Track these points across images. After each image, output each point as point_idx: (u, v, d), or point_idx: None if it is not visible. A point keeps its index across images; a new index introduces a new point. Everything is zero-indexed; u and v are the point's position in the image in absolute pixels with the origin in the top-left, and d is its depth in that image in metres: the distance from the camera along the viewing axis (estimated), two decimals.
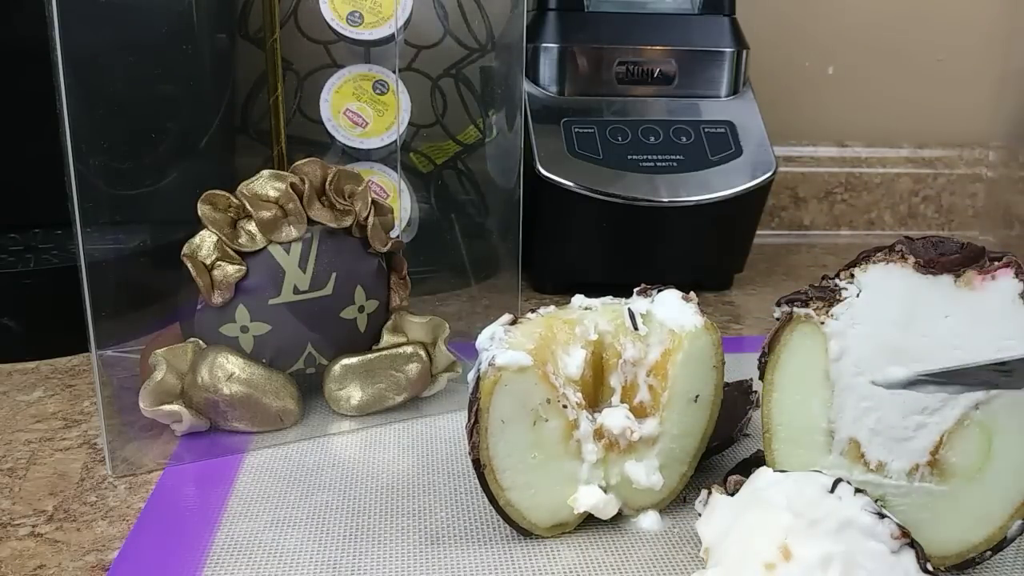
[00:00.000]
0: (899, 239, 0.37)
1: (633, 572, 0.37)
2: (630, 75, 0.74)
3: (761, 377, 0.39)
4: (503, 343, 0.39)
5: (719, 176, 0.71)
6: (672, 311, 0.41)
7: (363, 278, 0.51)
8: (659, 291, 0.42)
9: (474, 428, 0.38)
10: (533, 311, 0.41)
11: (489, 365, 0.38)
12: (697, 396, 0.40)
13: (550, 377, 0.39)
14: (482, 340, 0.39)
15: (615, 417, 0.39)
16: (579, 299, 0.43)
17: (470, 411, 0.38)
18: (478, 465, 0.38)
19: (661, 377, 0.40)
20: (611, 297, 0.43)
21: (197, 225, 0.46)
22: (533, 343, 0.39)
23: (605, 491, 0.40)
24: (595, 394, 0.41)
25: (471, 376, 0.39)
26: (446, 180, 0.75)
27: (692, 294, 0.42)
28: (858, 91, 0.98)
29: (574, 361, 0.40)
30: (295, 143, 0.65)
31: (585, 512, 0.40)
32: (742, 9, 0.76)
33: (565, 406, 0.39)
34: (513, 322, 0.40)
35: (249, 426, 0.48)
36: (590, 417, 0.40)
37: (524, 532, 0.39)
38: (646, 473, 0.40)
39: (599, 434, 0.40)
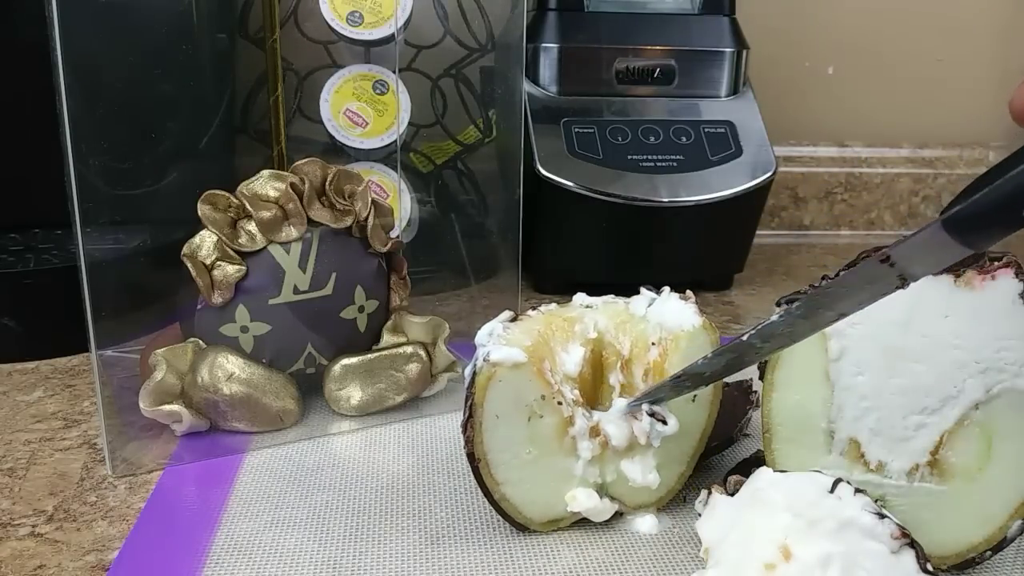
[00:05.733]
0: (899, 239, 0.37)
1: (633, 572, 0.37)
2: (630, 75, 0.74)
3: (761, 377, 0.39)
4: (500, 339, 0.39)
5: (719, 176, 0.71)
6: (671, 311, 0.41)
7: (363, 278, 0.51)
8: (660, 291, 0.43)
9: (468, 423, 0.38)
10: (534, 308, 0.42)
11: (484, 361, 0.38)
12: (695, 396, 0.40)
13: (545, 374, 0.39)
14: (480, 336, 0.39)
15: (618, 431, 0.39)
16: (580, 297, 0.43)
17: (465, 406, 0.38)
18: (473, 459, 0.38)
19: (659, 376, 0.40)
20: (612, 296, 0.43)
21: (197, 225, 0.46)
22: (531, 340, 0.39)
23: (601, 487, 0.40)
24: (594, 392, 0.41)
25: (467, 372, 0.39)
26: (446, 180, 0.75)
27: (689, 292, 0.42)
28: (858, 91, 0.98)
29: (572, 359, 0.40)
30: (295, 143, 0.65)
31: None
32: (742, 9, 0.76)
33: (560, 403, 0.39)
34: (513, 319, 0.40)
35: (249, 426, 0.48)
36: (586, 414, 0.40)
37: (519, 527, 0.39)
38: (642, 472, 0.40)
39: (595, 431, 0.40)
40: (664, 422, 0.39)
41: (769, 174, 0.72)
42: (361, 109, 0.65)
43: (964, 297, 0.35)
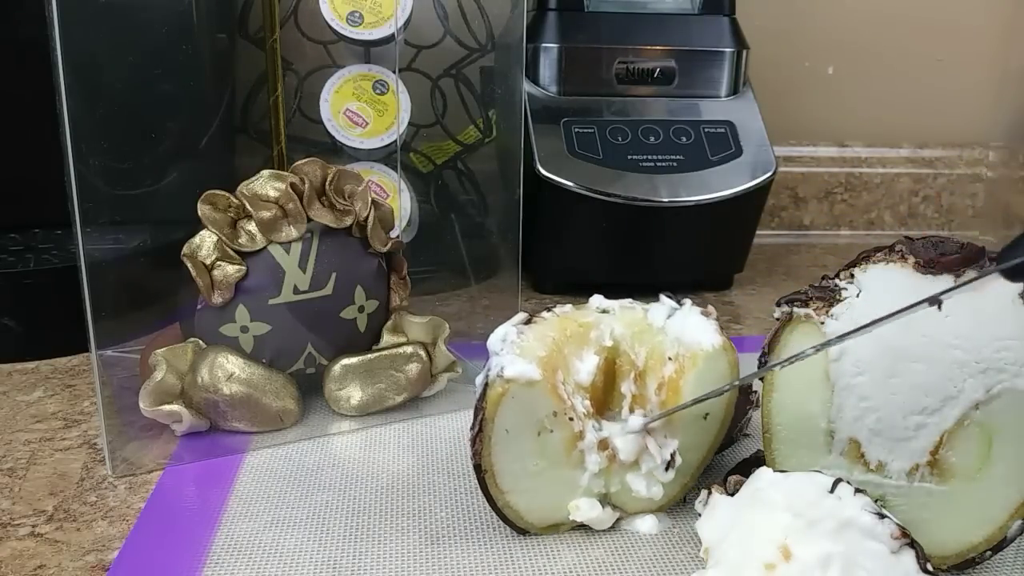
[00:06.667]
0: (899, 239, 0.37)
1: (633, 572, 0.37)
2: (630, 75, 0.74)
3: (761, 377, 0.39)
4: (514, 347, 0.38)
5: (719, 176, 0.71)
6: (691, 326, 0.40)
7: (363, 278, 0.51)
8: (681, 303, 0.42)
9: (478, 436, 0.37)
10: (548, 310, 0.41)
11: (498, 376, 0.37)
12: (707, 414, 0.40)
13: (559, 388, 0.38)
14: (493, 341, 0.38)
15: (626, 446, 0.39)
16: (597, 299, 0.42)
17: (475, 418, 0.38)
18: (479, 471, 0.38)
19: (673, 392, 0.39)
20: (631, 301, 0.42)
21: (197, 225, 0.46)
22: (545, 349, 0.38)
23: (605, 496, 0.40)
24: (605, 399, 0.41)
25: (479, 380, 0.38)
26: (446, 180, 0.76)
27: (711, 308, 0.41)
28: (858, 91, 0.98)
29: (586, 367, 0.39)
30: (295, 143, 0.65)
31: None
32: (742, 9, 0.76)
33: (571, 418, 0.39)
34: (527, 320, 0.40)
35: (249, 426, 0.48)
36: (596, 426, 0.39)
37: (520, 530, 0.39)
38: (647, 485, 0.39)
39: (603, 445, 0.39)
40: (667, 469, 0.39)
41: (769, 174, 0.72)
42: (361, 109, 0.65)
43: (964, 297, 0.35)
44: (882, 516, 0.33)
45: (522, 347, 0.38)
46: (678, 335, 0.40)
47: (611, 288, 0.45)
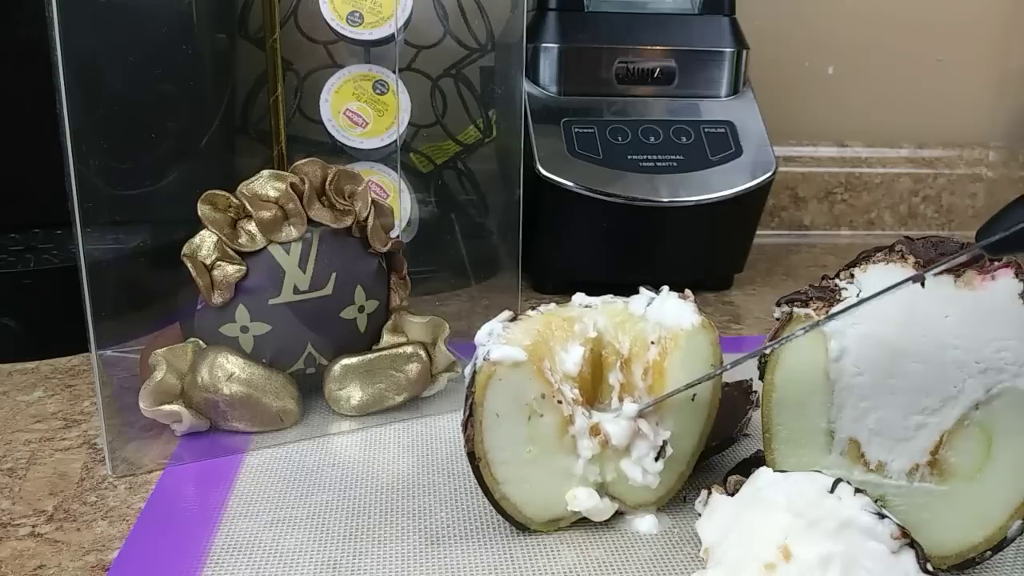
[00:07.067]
0: (899, 239, 0.37)
1: (633, 572, 0.37)
2: (630, 75, 0.74)
3: (761, 377, 0.39)
4: (500, 339, 0.39)
5: (719, 176, 0.71)
6: (670, 309, 0.41)
7: (363, 278, 0.51)
8: (659, 291, 0.43)
9: (468, 421, 0.38)
10: (533, 308, 0.42)
11: (484, 360, 0.38)
12: (695, 395, 0.40)
13: (545, 372, 0.39)
14: (480, 336, 0.40)
15: (618, 431, 0.39)
16: (580, 297, 0.43)
17: (465, 404, 0.38)
18: (473, 458, 0.38)
19: (659, 374, 0.40)
20: (611, 296, 0.43)
21: (197, 225, 0.46)
22: (530, 339, 0.39)
23: (601, 486, 0.40)
24: (594, 391, 0.41)
25: (467, 371, 0.39)
26: (446, 180, 0.76)
27: (688, 291, 0.42)
28: (858, 91, 0.98)
29: (572, 358, 0.40)
30: (295, 143, 0.65)
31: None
32: (742, 9, 0.76)
33: (560, 401, 0.39)
34: (513, 319, 0.40)
35: (249, 426, 0.48)
36: (586, 413, 0.40)
37: (520, 526, 0.40)
38: (642, 471, 0.40)
39: (595, 430, 0.40)
40: (657, 459, 0.40)
41: (769, 174, 0.72)
42: (361, 109, 0.65)
43: (964, 297, 0.35)
44: (882, 516, 0.33)
45: (508, 338, 0.39)
46: (659, 319, 0.41)
47: (611, 288, 0.45)
